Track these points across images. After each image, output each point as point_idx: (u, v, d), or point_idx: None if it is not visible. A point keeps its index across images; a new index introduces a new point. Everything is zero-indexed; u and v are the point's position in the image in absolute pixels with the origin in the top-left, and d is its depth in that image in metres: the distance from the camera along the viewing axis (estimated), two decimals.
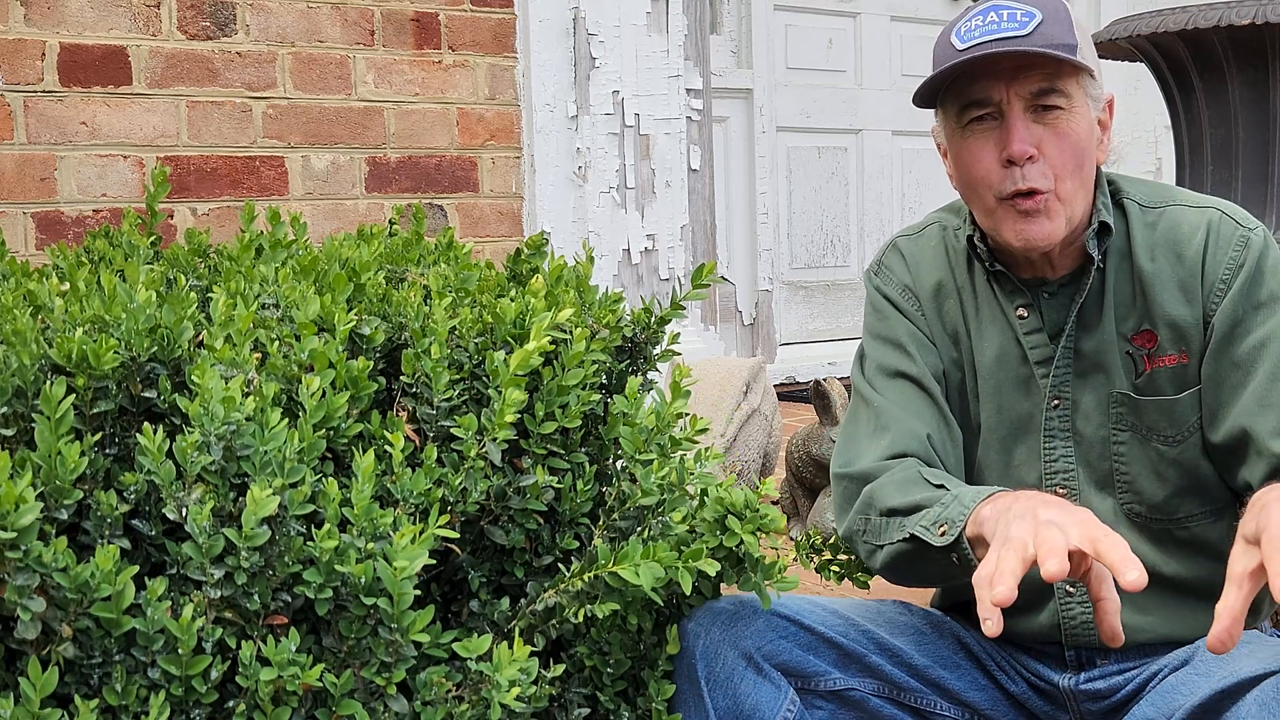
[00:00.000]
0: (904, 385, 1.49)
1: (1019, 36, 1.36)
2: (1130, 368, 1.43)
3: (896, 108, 4.87)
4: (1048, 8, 1.38)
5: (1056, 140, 1.38)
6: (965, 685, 1.48)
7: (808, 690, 1.41)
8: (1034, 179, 1.38)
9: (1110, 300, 1.44)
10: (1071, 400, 1.45)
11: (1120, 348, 1.44)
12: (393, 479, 1.31)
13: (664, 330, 1.62)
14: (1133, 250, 1.44)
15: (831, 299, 4.82)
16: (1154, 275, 1.42)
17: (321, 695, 1.24)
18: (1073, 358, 1.45)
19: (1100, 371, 1.44)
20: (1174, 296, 1.42)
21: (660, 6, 3.82)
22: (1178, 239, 1.43)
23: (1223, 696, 1.26)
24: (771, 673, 1.39)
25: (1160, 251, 1.43)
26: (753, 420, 2.55)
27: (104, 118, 3.07)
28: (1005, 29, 1.37)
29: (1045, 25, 1.37)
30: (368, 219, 3.41)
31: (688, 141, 3.97)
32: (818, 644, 1.42)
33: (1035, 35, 1.36)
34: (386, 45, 3.44)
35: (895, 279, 1.56)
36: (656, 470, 1.42)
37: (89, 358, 1.25)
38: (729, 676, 1.38)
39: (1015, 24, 1.37)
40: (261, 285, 1.50)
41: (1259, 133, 2.78)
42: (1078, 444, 1.45)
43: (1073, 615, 1.45)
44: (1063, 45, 1.36)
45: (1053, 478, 1.46)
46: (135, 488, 1.24)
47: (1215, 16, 2.65)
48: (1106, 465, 1.45)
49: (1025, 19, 1.37)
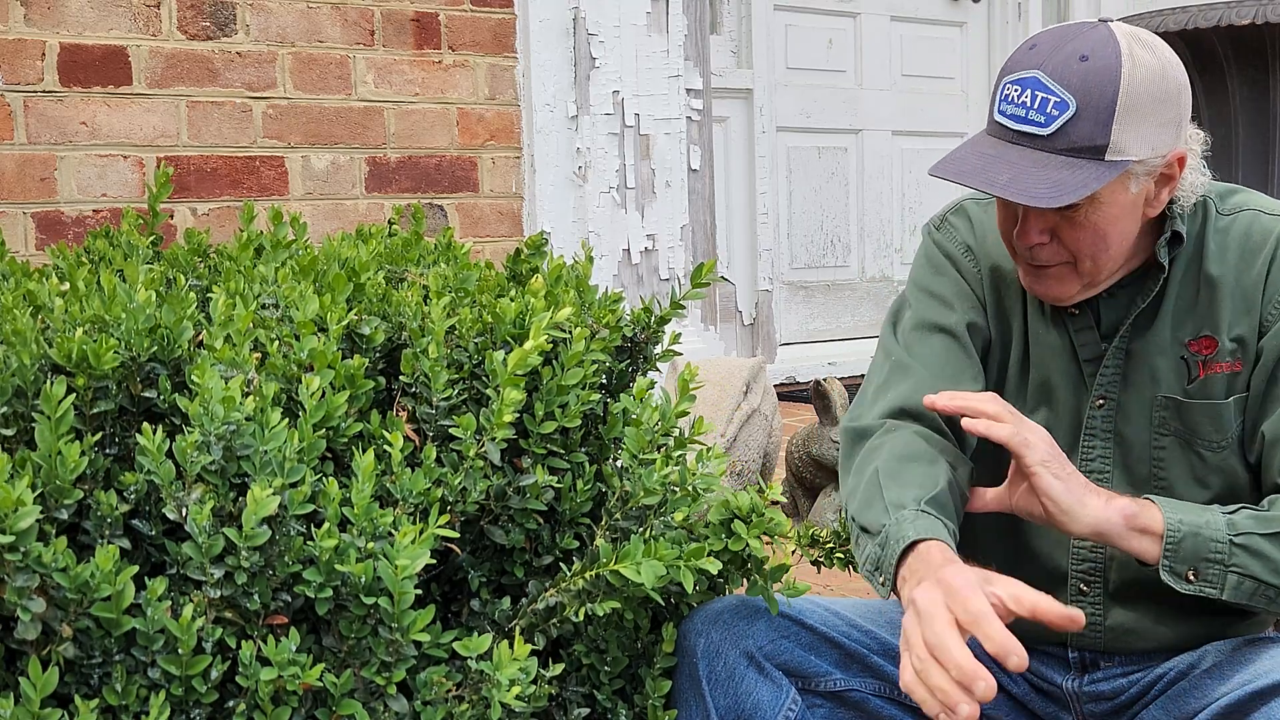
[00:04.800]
0: (940, 340, 1.45)
1: (1037, 137, 1.29)
2: (1183, 372, 1.40)
3: (896, 108, 4.87)
4: (1092, 93, 1.27)
5: (1072, 229, 1.33)
6: None
7: (809, 690, 1.41)
8: (1044, 258, 1.35)
9: (1170, 304, 1.40)
10: (1117, 401, 1.42)
11: (1174, 352, 1.40)
12: (392, 479, 1.31)
13: (664, 330, 1.62)
14: (1205, 253, 1.39)
15: (832, 299, 4.82)
16: (1221, 280, 1.39)
17: (321, 695, 1.24)
18: (1124, 359, 1.42)
19: (1149, 374, 1.41)
20: (1237, 304, 1.38)
21: (660, 6, 3.82)
22: (1249, 246, 1.39)
23: (1252, 699, 1.25)
24: (773, 672, 1.39)
25: (1231, 256, 1.39)
26: (753, 420, 2.55)
27: (104, 118, 3.07)
28: (1030, 121, 1.29)
29: (1075, 123, 1.27)
30: (368, 219, 3.41)
31: (688, 141, 3.97)
32: (819, 644, 1.42)
33: (1057, 136, 1.28)
34: (386, 45, 3.44)
35: (958, 238, 1.51)
36: (659, 470, 1.42)
37: (89, 357, 1.25)
38: (730, 676, 1.38)
39: (1041, 118, 1.29)
40: (261, 285, 1.50)
41: (1259, 132, 2.78)
42: (1118, 445, 1.43)
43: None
44: (1085, 149, 1.27)
45: (1087, 476, 1.42)
46: (135, 488, 1.24)
47: (1215, 16, 2.65)
48: (1145, 470, 1.42)
49: (1054, 113, 1.28)
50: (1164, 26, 2.74)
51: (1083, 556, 1.43)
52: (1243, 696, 1.26)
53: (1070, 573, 1.44)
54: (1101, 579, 1.43)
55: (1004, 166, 1.29)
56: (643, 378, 1.52)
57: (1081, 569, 1.43)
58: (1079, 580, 1.44)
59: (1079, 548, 1.44)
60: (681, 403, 1.45)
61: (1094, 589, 1.43)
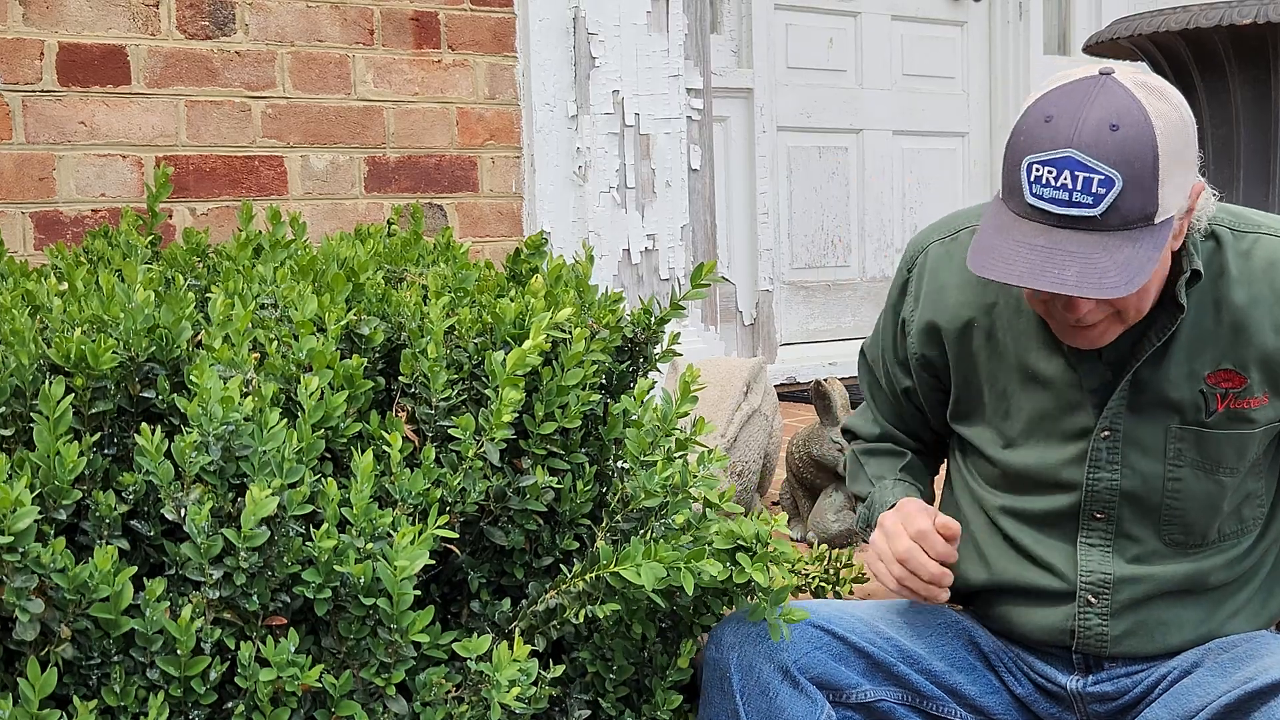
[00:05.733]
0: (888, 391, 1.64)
1: (1089, 218, 1.22)
2: (1200, 404, 1.37)
3: (897, 107, 4.86)
4: (1134, 163, 1.21)
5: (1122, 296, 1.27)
6: (980, 690, 1.47)
7: (839, 703, 1.42)
8: (1091, 318, 1.31)
9: (1185, 333, 1.37)
10: (1123, 432, 1.40)
11: (1190, 383, 1.37)
12: (391, 479, 1.31)
13: (664, 330, 1.61)
14: (1225, 280, 1.36)
15: (832, 299, 4.81)
16: (1249, 310, 1.35)
17: (321, 696, 1.24)
18: (1129, 391, 1.38)
19: (1162, 405, 1.38)
20: (1270, 335, 1.35)
21: (660, 6, 3.82)
22: (1277, 273, 1.35)
23: (1252, 697, 1.26)
24: (807, 686, 1.39)
25: (1259, 284, 1.35)
26: (753, 421, 2.55)
27: (103, 117, 3.07)
28: (1076, 203, 1.22)
29: (1124, 197, 1.21)
30: (367, 219, 3.40)
31: (688, 141, 3.96)
32: (848, 654, 1.43)
33: (1110, 214, 1.21)
34: (386, 45, 3.43)
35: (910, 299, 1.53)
36: (660, 471, 1.42)
37: (87, 358, 1.25)
38: (764, 691, 1.38)
39: (1089, 199, 1.21)
40: (260, 285, 1.50)
41: (1260, 132, 2.77)
42: (1125, 475, 1.40)
43: (1089, 625, 1.44)
44: (1139, 220, 1.22)
45: (1093, 504, 1.42)
46: (134, 488, 1.24)
47: (1217, 16, 2.65)
48: (1156, 499, 1.40)
49: (1101, 190, 1.21)
50: (1165, 26, 2.74)
51: (1090, 570, 1.43)
52: (1242, 695, 1.27)
53: (1079, 584, 1.44)
54: (1109, 590, 1.43)
55: (1065, 259, 1.22)
56: (643, 379, 1.51)
57: (1089, 581, 1.43)
58: (1087, 592, 1.43)
59: (1086, 563, 1.43)
60: (683, 404, 1.45)
61: (1102, 600, 1.43)
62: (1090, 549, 1.43)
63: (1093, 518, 1.42)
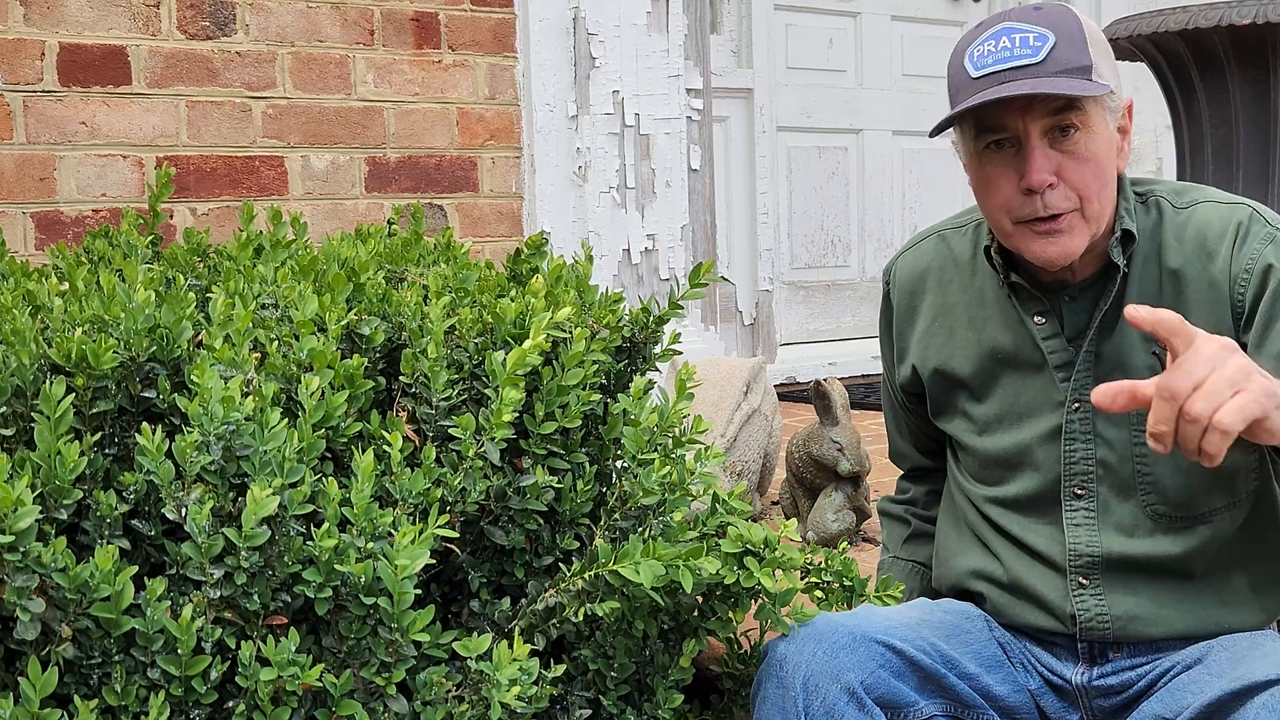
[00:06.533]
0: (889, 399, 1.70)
1: (1032, 65, 1.35)
2: (1155, 368, 1.41)
3: (897, 107, 4.86)
4: (1061, 28, 1.36)
5: (1076, 164, 1.37)
6: (1007, 690, 1.48)
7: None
8: (1056, 203, 1.37)
9: (1134, 303, 1.41)
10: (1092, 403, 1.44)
11: (1144, 351, 1.42)
12: (392, 479, 1.31)
13: (663, 330, 1.62)
14: (1162, 250, 1.43)
15: (832, 299, 4.82)
16: (1183, 275, 1.41)
17: (321, 695, 1.24)
18: (1093, 362, 1.44)
19: (1122, 374, 1.41)
20: (1203, 295, 1.40)
21: (660, 6, 3.82)
22: (1207, 237, 1.41)
23: (1232, 698, 1.26)
24: (873, 708, 1.38)
25: (1190, 250, 1.42)
26: (753, 421, 2.55)
27: (103, 117, 3.07)
28: (1019, 56, 1.36)
29: (1059, 49, 1.35)
30: (367, 219, 3.40)
31: (688, 141, 3.96)
32: (905, 669, 1.42)
33: (1049, 62, 1.35)
34: (386, 45, 3.44)
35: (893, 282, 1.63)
36: (658, 470, 1.42)
37: (88, 357, 1.25)
38: (830, 711, 1.37)
39: (1029, 50, 1.35)
40: (260, 285, 1.50)
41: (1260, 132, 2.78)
42: (1099, 446, 1.45)
43: (1086, 607, 1.44)
44: (1077, 69, 1.35)
45: (1071, 479, 1.45)
46: (135, 488, 1.24)
47: (1216, 16, 2.65)
48: (1129, 467, 1.44)
49: (1038, 44, 1.35)
50: (1164, 26, 2.74)
51: (1079, 552, 1.45)
52: (1224, 695, 1.28)
53: (1069, 568, 1.45)
54: (1099, 571, 1.44)
55: (1017, 87, 1.34)
56: (640, 378, 1.52)
57: (1079, 564, 1.44)
58: (1077, 574, 1.45)
59: (1074, 544, 1.45)
60: (679, 402, 1.45)
61: (1093, 581, 1.44)
62: (1076, 529, 1.45)
63: (1074, 495, 1.45)
